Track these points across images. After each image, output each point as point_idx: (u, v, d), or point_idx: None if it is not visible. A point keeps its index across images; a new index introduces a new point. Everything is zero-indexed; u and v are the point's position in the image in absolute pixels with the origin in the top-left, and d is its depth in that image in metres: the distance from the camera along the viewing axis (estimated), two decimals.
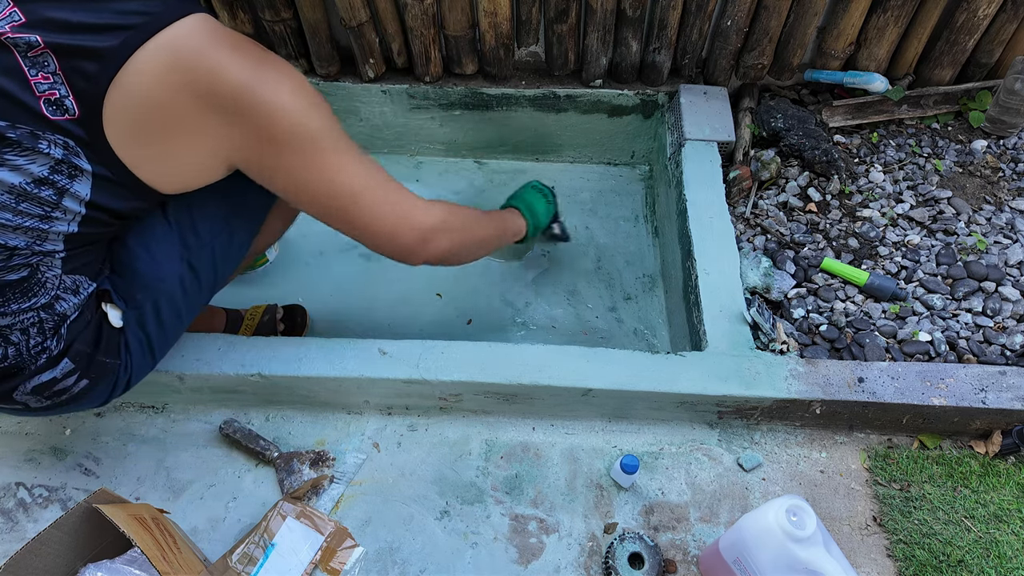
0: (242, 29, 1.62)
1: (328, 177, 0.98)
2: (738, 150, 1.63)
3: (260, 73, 0.89)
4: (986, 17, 1.54)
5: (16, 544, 1.12)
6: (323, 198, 1.00)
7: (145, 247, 1.03)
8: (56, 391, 0.99)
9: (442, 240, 1.10)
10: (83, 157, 0.87)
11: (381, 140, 1.88)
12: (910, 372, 1.22)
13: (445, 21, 1.60)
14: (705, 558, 1.10)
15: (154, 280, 1.04)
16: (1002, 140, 1.63)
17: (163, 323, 1.08)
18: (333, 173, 0.98)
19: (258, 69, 0.89)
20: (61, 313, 0.95)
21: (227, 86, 0.87)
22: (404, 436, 1.27)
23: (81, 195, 0.89)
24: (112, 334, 1.02)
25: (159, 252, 1.04)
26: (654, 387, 1.20)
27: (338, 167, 0.98)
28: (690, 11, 1.57)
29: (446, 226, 1.10)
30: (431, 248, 1.09)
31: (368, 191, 1.01)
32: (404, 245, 1.07)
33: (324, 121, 0.96)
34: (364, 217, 1.02)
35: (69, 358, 0.97)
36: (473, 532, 1.17)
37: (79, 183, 0.88)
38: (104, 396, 1.06)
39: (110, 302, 1.01)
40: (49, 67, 0.83)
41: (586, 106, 1.76)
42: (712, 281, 1.36)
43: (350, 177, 0.99)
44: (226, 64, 0.87)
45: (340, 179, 0.99)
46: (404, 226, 1.05)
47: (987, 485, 1.19)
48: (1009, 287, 1.37)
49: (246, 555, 1.10)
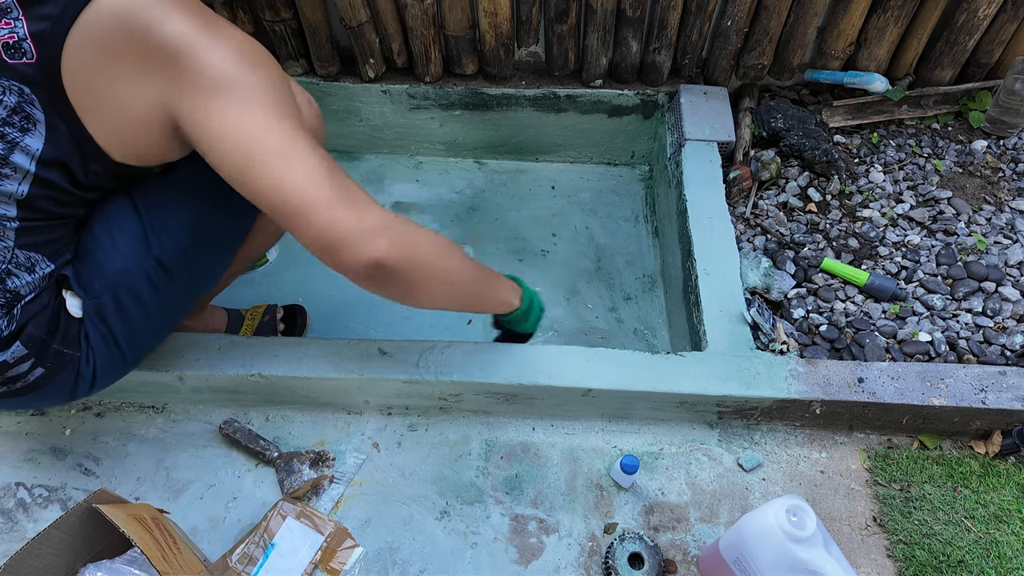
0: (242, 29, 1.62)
1: (257, 129, 0.85)
2: (738, 150, 1.63)
3: (204, 28, 0.87)
4: (986, 17, 1.54)
5: (16, 544, 1.12)
6: (247, 151, 0.84)
7: (109, 235, 1.00)
8: (9, 377, 0.96)
9: (394, 243, 0.86)
10: (38, 106, 0.86)
11: (381, 140, 1.89)
12: (910, 372, 1.22)
13: (445, 21, 1.60)
14: (705, 558, 1.10)
15: (114, 271, 1.00)
16: (1002, 140, 1.63)
17: (128, 317, 1.03)
18: (265, 126, 0.85)
19: (204, 25, 0.87)
20: (13, 290, 0.92)
21: (167, 36, 0.85)
22: (404, 436, 1.27)
23: (32, 149, 0.87)
24: (71, 323, 0.99)
25: (123, 242, 1.00)
26: (654, 387, 1.20)
27: (273, 122, 0.85)
28: (690, 11, 1.57)
29: (404, 230, 0.88)
30: (376, 247, 0.84)
31: (305, 153, 0.85)
32: (341, 226, 0.83)
33: (266, 78, 0.88)
34: (297, 176, 0.83)
35: (21, 342, 0.94)
36: (473, 532, 1.17)
37: (31, 137, 0.86)
38: (68, 390, 1.03)
39: (69, 289, 0.99)
40: (12, 14, 0.84)
41: (586, 106, 1.76)
42: (712, 281, 1.36)
43: (285, 136, 0.85)
44: (174, 13, 0.85)
45: (272, 135, 0.85)
46: (346, 205, 0.84)
47: (987, 485, 1.19)
48: (1009, 287, 1.37)
49: (246, 555, 1.10)
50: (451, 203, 1.85)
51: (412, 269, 0.89)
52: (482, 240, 1.78)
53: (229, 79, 0.86)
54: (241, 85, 0.86)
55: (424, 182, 1.89)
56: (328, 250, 0.85)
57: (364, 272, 0.86)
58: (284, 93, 0.90)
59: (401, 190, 1.87)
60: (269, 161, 0.84)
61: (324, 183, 0.84)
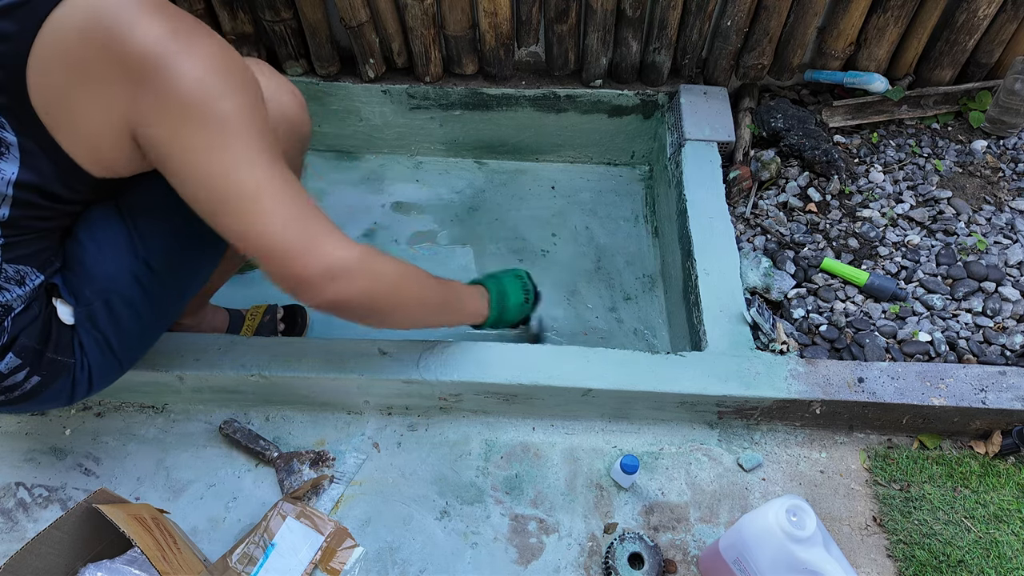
0: (242, 29, 1.62)
1: (227, 168, 0.84)
2: (738, 150, 1.63)
3: (176, 37, 0.82)
4: (986, 17, 1.54)
5: (16, 544, 1.12)
6: (215, 191, 0.85)
7: (95, 242, 0.99)
8: (6, 387, 0.96)
9: (355, 282, 0.90)
10: (8, 128, 0.84)
11: (381, 140, 1.89)
12: (910, 372, 1.22)
13: (445, 21, 1.60)
14: (705, 558, 1.10)
15: (103, 278, 0.99)
16: (1002, 140, 1.63)
17: (120, 321, 1.02)
18: (234, 164, 0.84)
19: (176, 34, 0.82)
20: (4, 304, 0.92)
21: (136, 46, 0.80)
22: (404, 436, 1.27)
23: (7, 174, 0.85)
24: (63, 331, 0.99)
25: (109, 248, 0.99)
26: (654, 387, 1.20)
27: (243, 159, 0.84)
28: (690, 11, 1.57)
29: (364, 268, 0.91)
30: (336, 288, 0.89)
31: (274, 198, 0.85)
32: (302, 274, 0.87)
33: (241, 105, 0.84)
34: (260, 226, 0.85)
35: (14, 353, 0.93)
36: (473, 532, 1.17)
37: (5, 161, 0.85)
38: (65, 395, 1.03)
39: (59, 297, 0.98)
40: None
41: (586, 106, 1.76)
42: (712, 281, 1.36)
43: (255, 174, 0.85)
44: (141, 23, 0.80)
45: (241, 174, 0.84)
46: (308, 250, 0.87)
47: (987, 485, 1.19)
48: (1009, 287, 1.37)
49: (246, 555, 1.10)
50: (451, 203, 1.85)
51: (372, 304, 0.95)
52: (482, 240, 1.78)
53: (201, 105, 0.82)
54: (213, 114, 0.82)
55: (424, 182, 1.89)
56: (291, 291, 0.90)
57: (325, 309, 0.92)
58: (259, 118, 0.87)
59: (401, 190, 1.87)
60: (237, 207, 0.85)
61: (290, 229, 0.86)
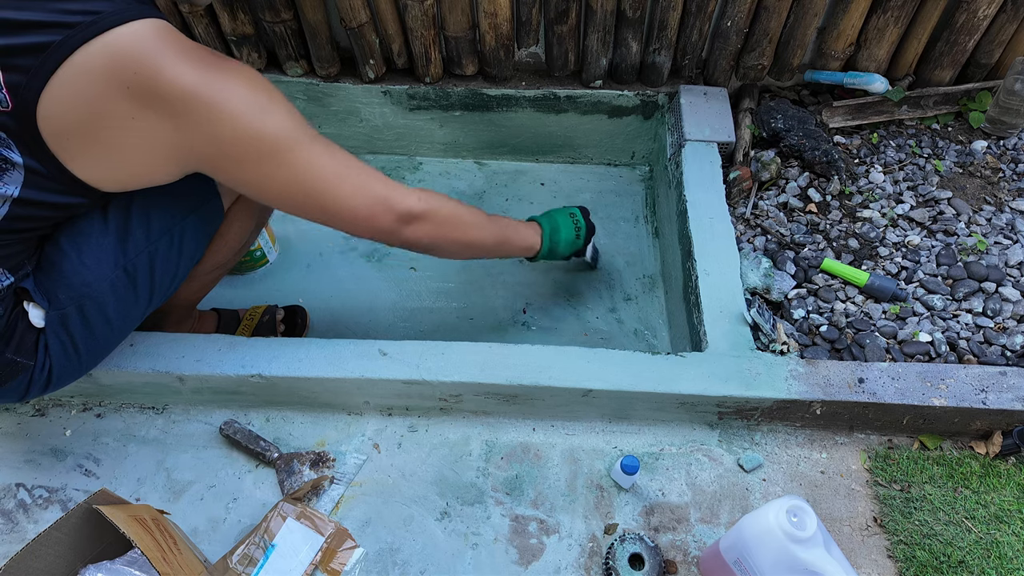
0: (242, 30, 1.62)
1: (296, 179, 0.97)
2: (738, 151, 1.63)
3: (208, 77, 0.87)
4: (986, 18, 1.54)
5: (16, 545, 1.12)
6: (294, 198, 1.00)
7: (76, 249, 1.00)
8: None
9: (421, 226, 1.10)
10: (14, 150, 0.86)
11: (381, 141, 1.89)
12: (910, 373, 1.22)
13: (445, 22, 1.60)
14: (705, 559, 1.10)
15: (80, 284, 1.01)
16: (1002, 140, 1.63)
17: (91, 327, 1.05)
18: (301, 173, 0.97)
19: (206, 73, 0.87)
20: None
21: (171, 90, 0.85)
22: (404, 437, 1.27)
23: (7, 193, 0.88)
24: (29, 334, 1.00)
25: (90, 255, 1.01)
26: (654, 388, 1.20)
27: (305, 166, 0.97)
28: (690, 12, 1.57)
29: (427, 214, 1.10)
30: (409, 232, 1.09)
31: (341, 181, 1.01)
32: (381, 228, 1.06)
33: (282, 121, 0.94)
34: (339, 207, 1.02)
35: None
36: (473, 533, 1.17)
37: (7, 180, 0.87)
38: (18, 394, 1.04)
39: (31, 300, 0.99)
40: None
41: (586, 107, 1.76)
42: (712, 282, 1.36)
43: (319, 172, 0.98)
44: (170, 67, 0.85)
45: (309, 178, 0.98)
46: (380, 209, 1.04)
47: (988, 486, 1.19)
48: (1009, 288, 1.37)
49: (246, 556, 1.10)
50: None
51: (444, 242, 1.15)
52: None
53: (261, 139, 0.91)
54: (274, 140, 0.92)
55: (424, 183, 1.89)
56: (381, 240, 1.10)
57: (412, 248, 1.13)
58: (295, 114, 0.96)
59: None
60: (316, 202, 1.00)
61: (359, 197, 1.02)
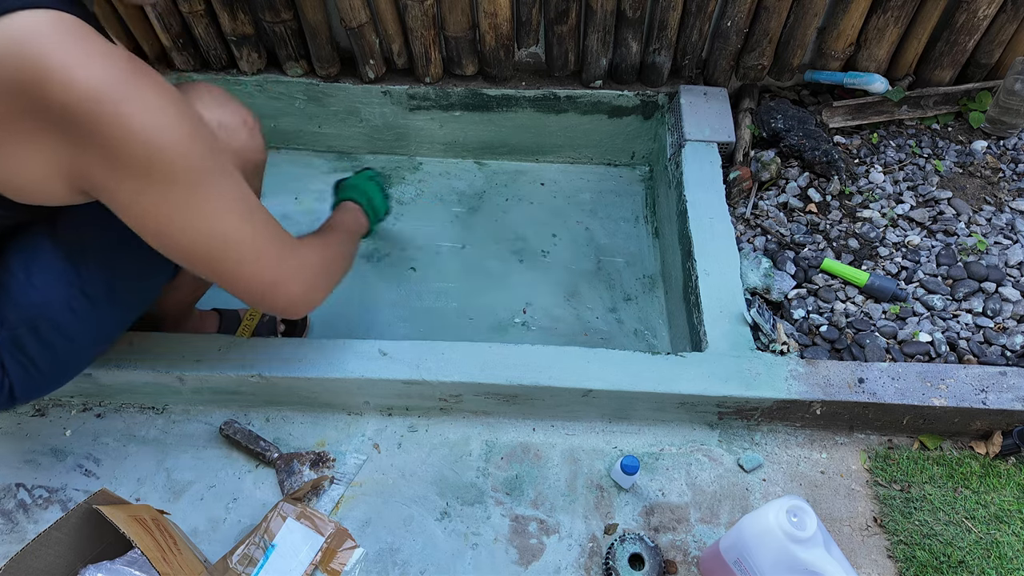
0: (242, 30, 1.62)
1: (195, 224, 0.85)
2: (738, 151, 1.63)
3: (119, 83, 0.73)
4: (986, 18, 1.54)
5: (16, 545, 1.12)
6: (189, 247, 0.88)
7: (25, 269, 0.95)
8: None
9: (317, 294, 1.04)
10: None
11: (381, 141, 1.89)
12: (910, 373, 1.22)
13: (445, 22, 1.60)
14: (705, 559, 1.10)
15: (29, 304, 0.95)
16: (1002, 141, 1.63)
17: (50, 346, 0.99)
18: (202, 219, 0.85)
19: (118, 79, 0.73)
20: None
21: (60, 96, 0.71)
22: (404, 437, 1.27)
23: None
24: None
25: (39, 276, 0.95)
26: (654, 388, 1.20)
27: (213, 213, 0.85)
28: (690, 12, 1.57)
29: (317, 284, 1.04)
30: (308, 305, 1.03)
31: (241, 245, 0.90)
32: (275, 308, 1.00)
33: (204, 151, 0.82)
34: (232, 272, 0.92)
35: None
36: (473, 533, 1.17)
37: None
38: None
39: None
40: None
41: (586, 107, 1.76)
42: (712, 282, 1.36)
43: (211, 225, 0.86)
44: (73, 67, 0.71)
45: (211, 227, 0.86)
46: (273, 294, 0.97)
47: (988, 486, 1.19)
48: (1009, 288, 1.37)
49: (246, 556, 1.10)
50: (451, 204, 1.85)
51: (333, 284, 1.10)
52: (482, 241, 1.78)
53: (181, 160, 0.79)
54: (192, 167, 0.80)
55: (424, 183, 1.89)
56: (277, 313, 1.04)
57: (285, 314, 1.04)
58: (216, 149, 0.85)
59: (401, 191, 1.87)
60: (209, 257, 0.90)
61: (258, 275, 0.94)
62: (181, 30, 1.65)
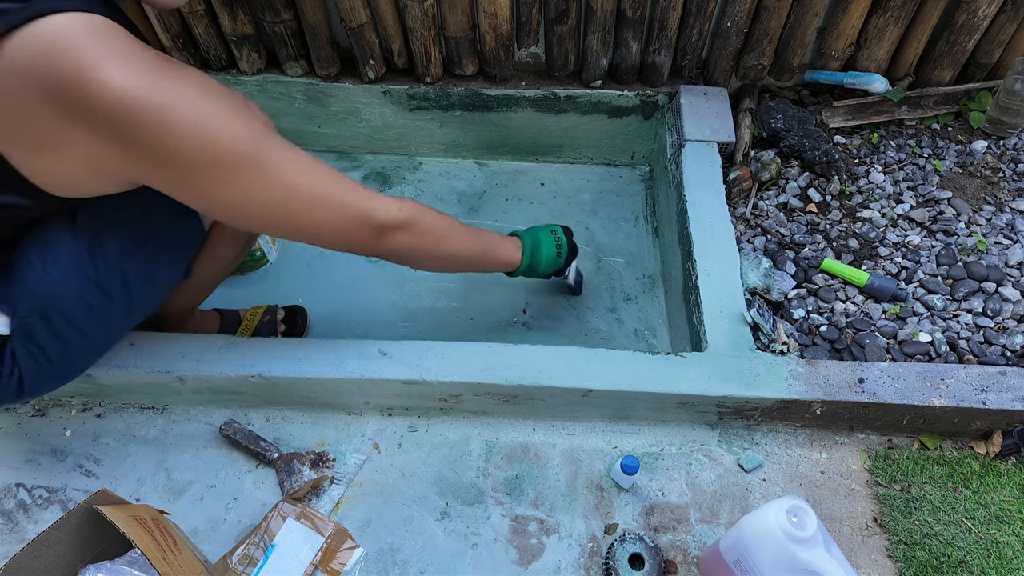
0: (242, 30, 1.62)
1: (261, 196, 0.88)
2: (738, 151, 1.63)
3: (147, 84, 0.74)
4: (986, 18, 1.54)
5: (16, 545, 1.12)
6: (260, 216, 0.92)
7: (42, 259, 0.96)
8: None
9: (400, 236, 1.05)
10: None
11: (381, 141, 1.89)
12: (910, 373, 1.22)
13: (445, 22, 1.60)
14: (705, 559, 1.10)
15: (44, 295, 0.96)
16: (1002, 140, 1.63)
17: (62, 337, 1.01)
18: (265, 190, 0.88)
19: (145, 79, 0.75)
20: None
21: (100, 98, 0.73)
22: (404, 437, 1.27)
23: None
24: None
25: (55, 267, 0.96)
26: (654, 388, 1.20)
27: (270, 182, 0.88)
28: (690, 12, 1.57)
29: (407, 226, 1.05)
30: (386, 244, 1.04)
31: (313, 197, 0.94)
32: (358, 242, 1.02)
33: (239, 131, 0.83)
34: (313, 224, 0.96)
35: None
36: (473, 533, 1.17)
37: None
38: None
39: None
40: None
41: (586, 107, 1.76)
42: (712, 282, 1.36)
43: (286, 189, 0.90)
44: (97, 71, 0.72)
45: (275, 196, 0.89)
46: (357, 223, 0.99)
47: (988, 486, 1.19)
48: (1009, 288, 1.37)
49: (246, 556, 1.10)
50: (451, 204, 1.85)
51: (423, 255, 1.11)
52: None
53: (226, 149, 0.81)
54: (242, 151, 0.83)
55: (424, 183, 1.89)
56: (359, 252, 1.05)
57: (390, 259, 1.08)
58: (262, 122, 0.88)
59: (401, 191, 1.87)
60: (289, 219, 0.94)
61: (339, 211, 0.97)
62: (181, 30, 1.65)
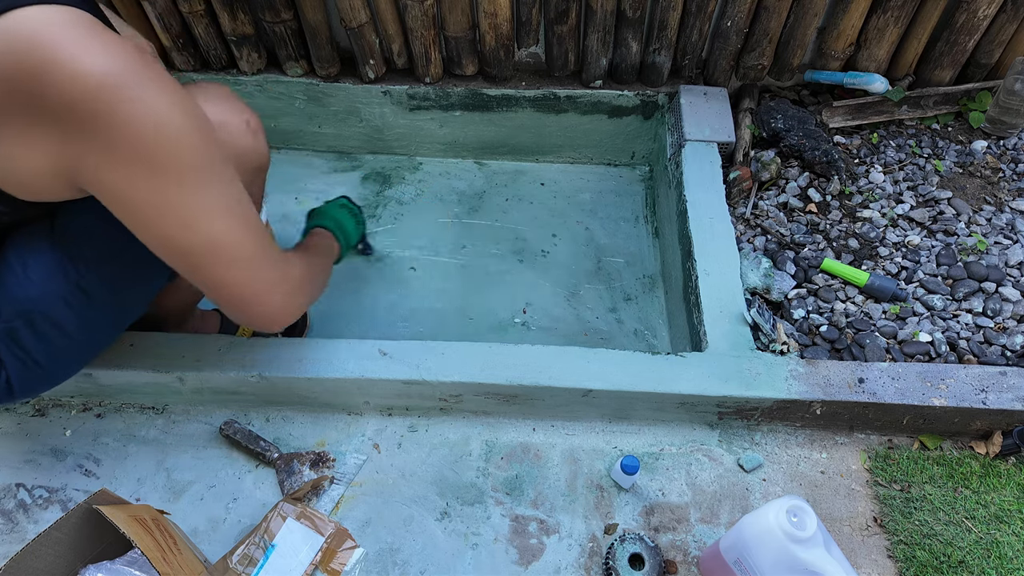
0: (242, 30, 1.62)
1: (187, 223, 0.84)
2: (738, 151, 1.63)
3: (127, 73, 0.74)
4: (986, 18, 1.54)
5: (16, 545, 1.12)
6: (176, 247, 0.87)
7: (21, 263, 0.96)
8: None
9: (294, 309, 1.02)
10: None
11: (381, 141, 1.89)
12: (910, 373, 1.22)
13: (445, 22, 1.60)
14: (705, 559, 1.10)
15: (25, 298, 0.96)
16: (1002, 140, 1.63)
17: (48, 340, 1.00)
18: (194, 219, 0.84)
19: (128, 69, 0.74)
20: None
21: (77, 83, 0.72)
22: (404, 437, 1.27)
23: None
24: None
25: (35, 270, 0.95)
26: (654, 388, 1.20)
27: (208, 212, 0.84)
28: (690, 12, 1.57)
29: (297, 299, 1.03)
30: (284, 319, 1.02)
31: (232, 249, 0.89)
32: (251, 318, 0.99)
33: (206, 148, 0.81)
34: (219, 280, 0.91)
35: None
36: (473, 533, 1.17)
37: None
38: None
39: None
40: None
41: (586, 107, 1.76)
42: (712, 282, 1.36)
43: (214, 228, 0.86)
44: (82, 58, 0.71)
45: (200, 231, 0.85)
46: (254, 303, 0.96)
47: (988, 486, 1.19)
48: (1009, 288, 1.37)
49: (246, 556, 1.10)
50: (451, 204, 1.85)
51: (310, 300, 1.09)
52: (482, 241, 1.78)
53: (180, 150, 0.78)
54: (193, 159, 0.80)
55: (424, 183, 1.89)
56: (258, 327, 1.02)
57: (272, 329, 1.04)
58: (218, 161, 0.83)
59: (401, 191, 1.87)
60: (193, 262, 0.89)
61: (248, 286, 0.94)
62: (181, 30, 1.65)
